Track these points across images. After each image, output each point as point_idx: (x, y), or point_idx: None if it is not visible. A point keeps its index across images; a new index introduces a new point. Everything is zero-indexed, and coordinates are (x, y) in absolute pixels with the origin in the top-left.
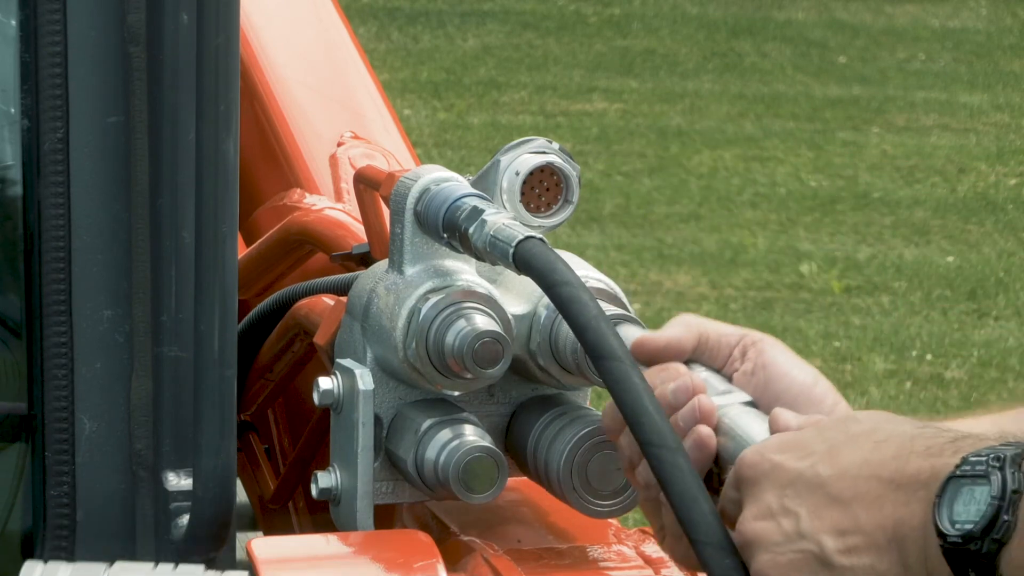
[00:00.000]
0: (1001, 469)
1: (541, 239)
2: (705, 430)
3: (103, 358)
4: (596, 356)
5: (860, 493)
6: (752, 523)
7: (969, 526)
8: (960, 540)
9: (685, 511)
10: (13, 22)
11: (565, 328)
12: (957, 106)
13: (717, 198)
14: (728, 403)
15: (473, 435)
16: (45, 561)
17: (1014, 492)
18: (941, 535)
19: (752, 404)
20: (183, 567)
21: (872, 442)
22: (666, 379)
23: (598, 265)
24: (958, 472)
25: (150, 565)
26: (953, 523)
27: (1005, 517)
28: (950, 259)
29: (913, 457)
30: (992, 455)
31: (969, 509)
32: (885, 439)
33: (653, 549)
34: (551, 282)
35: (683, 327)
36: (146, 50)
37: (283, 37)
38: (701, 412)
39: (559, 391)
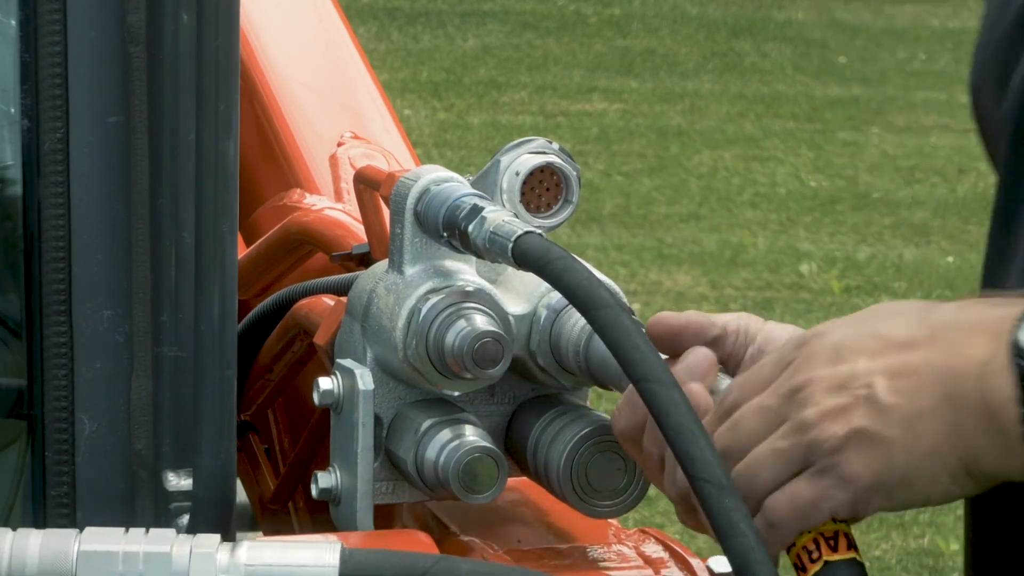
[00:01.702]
0: None
1: (540, 234)
2: None
3: (103, 358)
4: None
5: (917, 338)
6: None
7: None
8: None
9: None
10: (13, 22)
11: (566, 328)
12: (957, 106)
13: (717, 198)
14: None
15: (473, 435)
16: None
17: None
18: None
19: None
20: (154, 531)
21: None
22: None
23: (598, 265)
24: None
25: (121, 530)
26: None
27: None
28: (950, 259)
29: (971, 308)
30: None
31: None
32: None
33: (653, 549)
34: (551, 272)
35: (698, 314)
36: (146, 50)
37: (283, 37)
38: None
39: (559, 391)
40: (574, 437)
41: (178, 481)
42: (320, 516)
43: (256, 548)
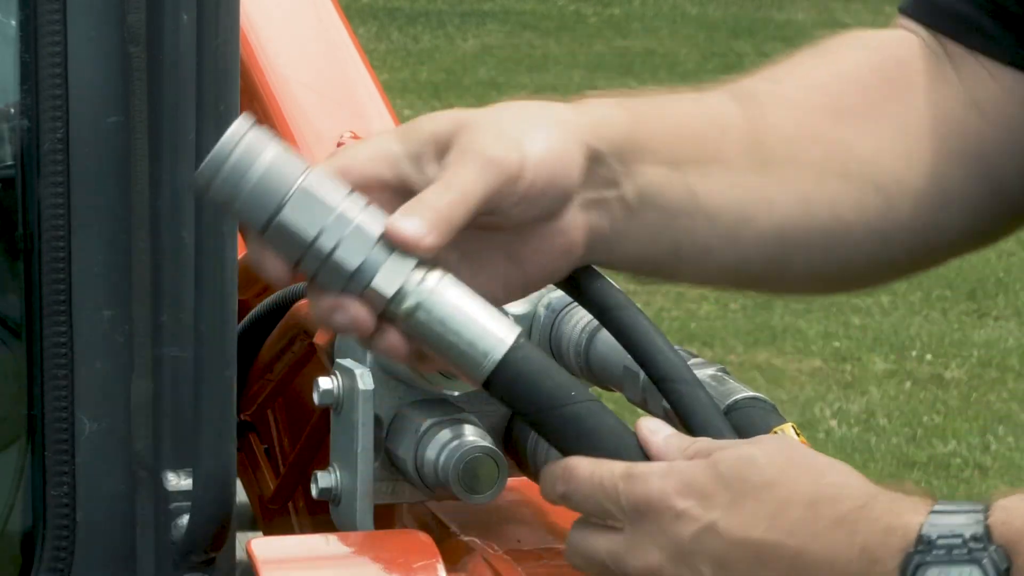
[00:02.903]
0: (984, 550)
1: None
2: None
3: (103, 358)
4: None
5: (767, 560)
6: (643, 561)
7: None
8: None
9: None
10: (13, 22)
11: (566, 328)
12: None
13: None
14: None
15: (473, 435)
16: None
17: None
18: None
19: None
20: (374, 209)
21: (775, 503)
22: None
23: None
24: (928, 558)
25: (346, 191)
26: None
27: None
28: None
29: (825, 527)
30: (953, 535)
31: None
32: (787, 498)
33: None
34: None
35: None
36: (146, 50)
37: (283, 37)
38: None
39: None
40: None
41: (178, 481)
42: (320, 516)
43: (448, 286)
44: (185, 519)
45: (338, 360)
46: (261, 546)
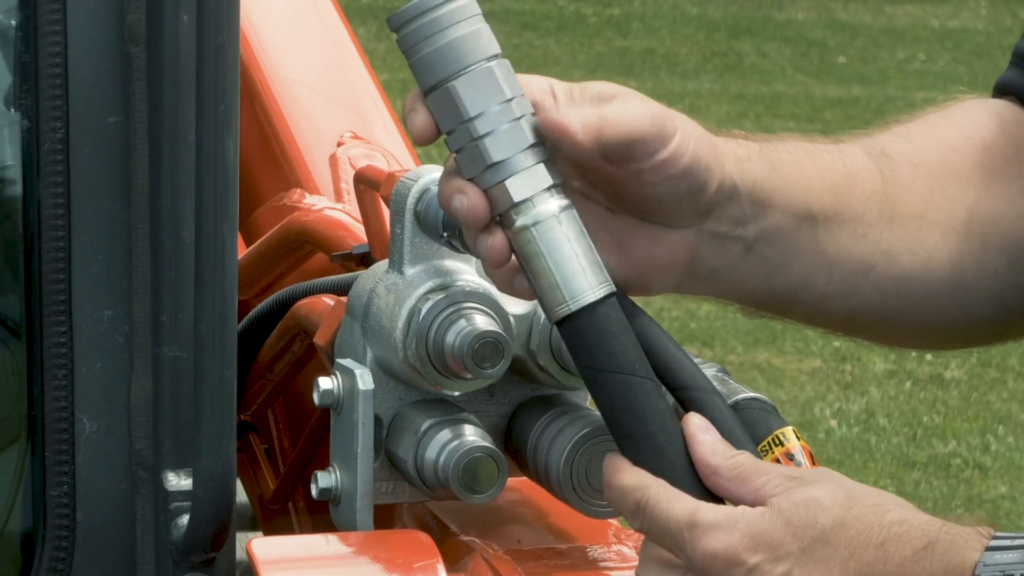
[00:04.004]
0: None
1: None
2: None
3: (103, 358)
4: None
5: None
6: None
7: None
8: None
9: None
10: (13, 22)
11: None
12: None
13: None
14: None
15: (473, 435)
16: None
17: None
18: None
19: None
20: (531, 120)
21: (846, 547)
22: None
23: None
24: None
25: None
26: None
27: None
28: None
29: (894, 569)
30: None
31: None
32: (856, 539)
33: None
34: None
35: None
36: (146, 50)
37: (283, 37)
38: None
39: (559, 391)
40: (574, 437)
41: (178, 481)
42: (320, 516)
43: (570, 219)
44: (185, 519)
45: (338, 360)
46: (261, 546)
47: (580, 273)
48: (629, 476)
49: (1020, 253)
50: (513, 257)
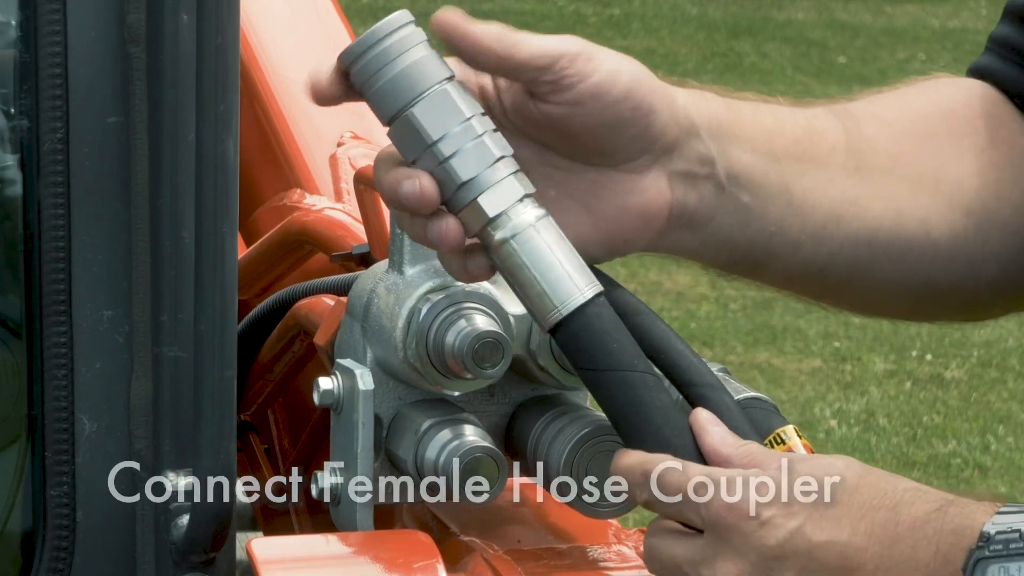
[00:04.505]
0: None
1: None
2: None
3: (103, 358)
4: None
5: (851, 562)
6: (724, 570)
7: None
8: None
9: None
10: (13, 22)
11: None
12: None
13: None
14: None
15: (473, 435)
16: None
17: None
18: None
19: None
20: (500, 136)
21: (859, 507)
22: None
23: (598, 264)
24: (987, 552)
25: (479, 111)
26: None
27: None
28: None
29: (907, 529)
30: (1011, 530)
31: None
32: (870, 501)
33: None
34: None
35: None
36: (146, 50)
37: (283, 37)
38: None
39: (559, 391)
40: (574, 437)
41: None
42: (320, 516)
43: (546, 226)
44: (185, 519)
45: (338, 360)
46: (261, 546)
47: (566, 277)
48: (636, 454)
49: (984, 220)
50: (466, 241)
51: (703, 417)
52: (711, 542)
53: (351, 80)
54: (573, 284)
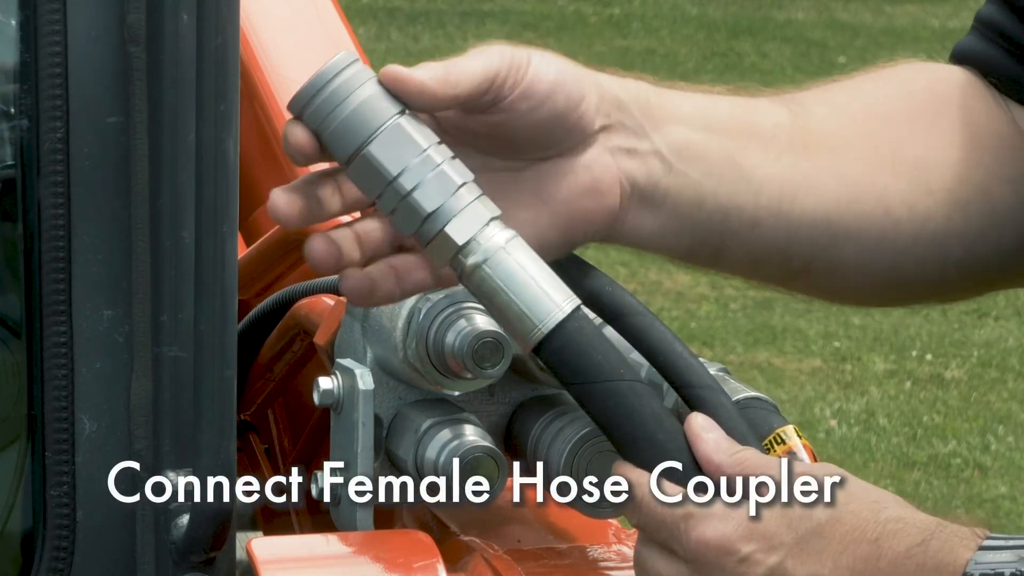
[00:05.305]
0: None
1: None
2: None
3: (103, 358)
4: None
5: None
6: None
7: None
8: None
9: None
10: (13, 22)
11: None
12: None
13: None
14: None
15: (473, 435)
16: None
17: None
18: None
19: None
20: (458, 162)
21: (840, 540)
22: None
23: (598, 264)
24: None
25: (435, 139)
26: None
27: None
28: None
29: (888, 565)
30: (995, 572)
31: None
32: (851, 534)
33: None
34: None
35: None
36: (146, 50)
37: (283, 37)
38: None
39: (559, 391)
40: (574, 437)
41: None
42: (320, 516)
43: (517, 247)
44: (185, 519)
45: (338, 360)
46: (261, 546)
47: (543, 295)
48: (626, 473)
49: (947, 200)
50: (357, 248)
51: (697, 423)
52: (694, 573)
53: (304, 124)
54: (551, 301)
